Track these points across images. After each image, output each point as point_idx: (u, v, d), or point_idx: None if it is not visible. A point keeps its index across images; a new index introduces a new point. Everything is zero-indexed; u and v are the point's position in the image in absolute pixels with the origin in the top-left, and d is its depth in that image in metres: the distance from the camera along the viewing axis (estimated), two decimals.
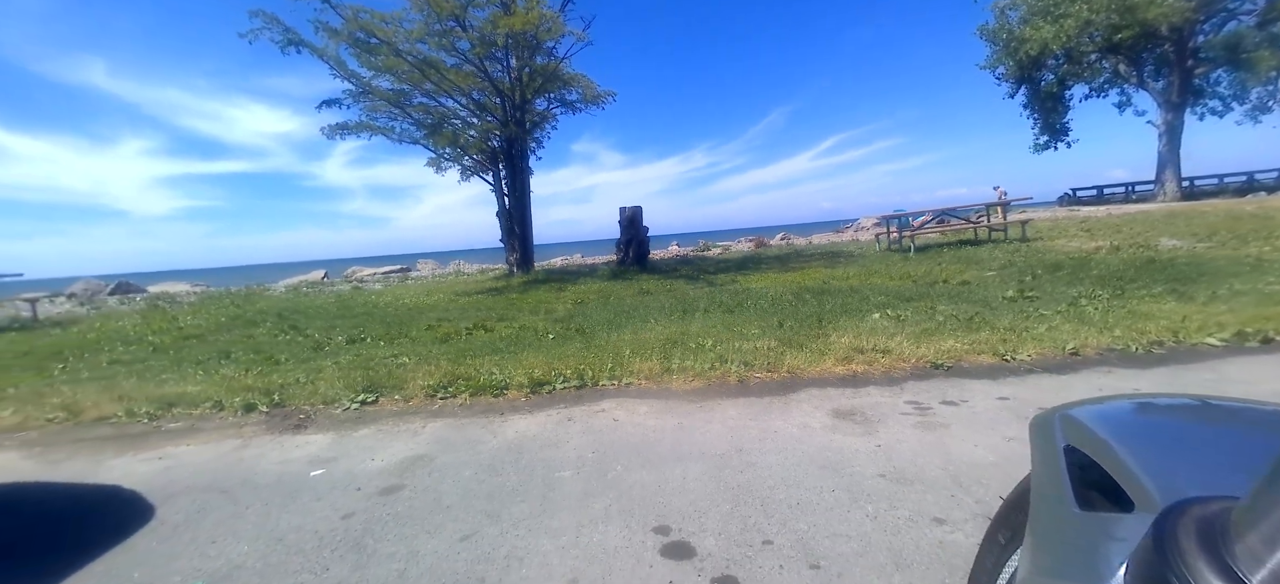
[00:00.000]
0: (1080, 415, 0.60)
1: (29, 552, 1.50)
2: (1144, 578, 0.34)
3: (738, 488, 1.59)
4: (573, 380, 2.81)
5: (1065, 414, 0.62)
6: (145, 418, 2.70)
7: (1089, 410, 0.62)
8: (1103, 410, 0.63)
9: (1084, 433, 0.57)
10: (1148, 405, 0.68)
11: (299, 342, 4.85)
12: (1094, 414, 0.61)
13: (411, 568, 1.30)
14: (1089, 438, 0.56)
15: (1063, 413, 0.62)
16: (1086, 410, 0.62)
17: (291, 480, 1.87)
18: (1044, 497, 0.54)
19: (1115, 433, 0.56)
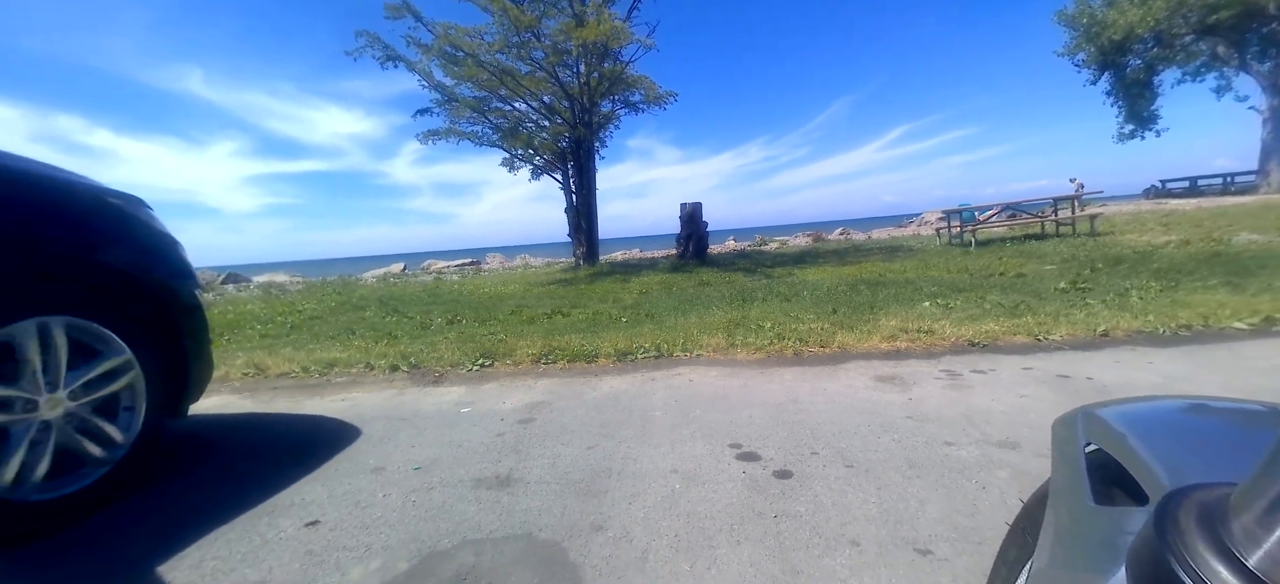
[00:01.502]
0: (1101, 414, 0.62)
1: (283, 453, 2.15)
2: (1143, 558, 0.34)
3: (792, 423, 2.05)
4: (651, 352, 3.34)
5: (1087, 412, 0.63)
6: (316, 375, 3.42)
7: (1110, 410, 0.63)
8: (1123, 410, 0.64)
9: (1104, 430, 0.58)
10: (1168, 405, 0.68)
11: (405, 322, 5.59)
12: (1115, 413, 0.62)
13: (557, 461, 1.84)
14: (1108, 434, 0.57)
15: (1084, 411, 0.64)
16: (1108, 410, 0.63)
17: (448, 414, 2.48)
18: (1062, 492, 0.55)
19: (1134, 429, 0.57)
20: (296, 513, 1.59)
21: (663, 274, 8.81)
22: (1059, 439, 0.63)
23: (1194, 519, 0.33)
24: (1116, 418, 0.61)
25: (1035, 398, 2.19)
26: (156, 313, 1.92)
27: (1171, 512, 0.35)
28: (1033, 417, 1.99)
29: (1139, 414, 0.63)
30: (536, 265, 14.69)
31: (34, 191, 1.64)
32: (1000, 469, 1.60)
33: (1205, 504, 0.34)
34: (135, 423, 1.83)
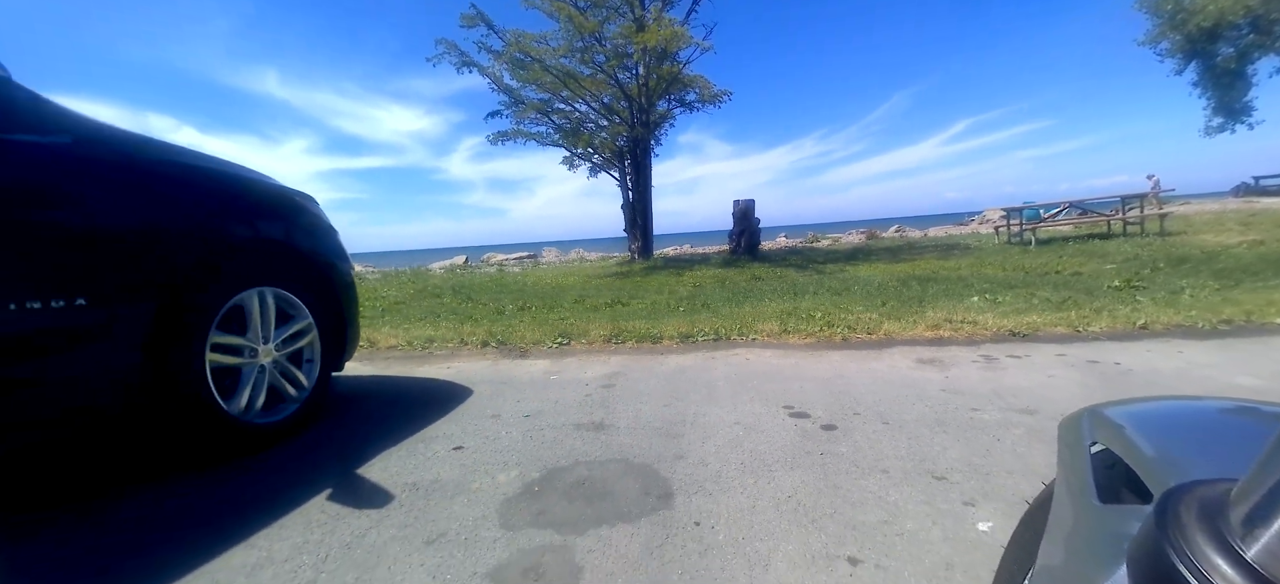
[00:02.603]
0: (1107, 413, 0.61)
1: (415, 403, 2.64)
2: (1143, 552, 0.34)
3: (838, 392, 2.38)
4: (710, 336, 3.71)
5: (1093, 411, 0.63)
6: (418, 348, 3.97)
7: (1116, 409, 0.63)
8: (1130, 409, 0.63)
9: (1110, 428, 0.58)
10: (1176, 405, 0.68)
11: (480, 308, 6.15)
12: (1121, 412, 0.62)
13: (639, 414, 2.25)
14: (1115, 433, 0.57)
15: (1091, 410, 0.63)
16: (1114, 409, 0.63)
17: (540, 380, 2.93)
18: (1067, 490, 0.55)
19: (1140, 428, 0.57)
20: (442, 442, 2.06)
21: (715, 269, 9.14)
22: (1065, 438, 0.63)
23: (1195, 514, 0.33)
24: (1123, 417, 0.60)
25: (1061, 378, 2.43)
26: (325, 287, 2.44)
27: (1172, 506, 0.35)
28: (1054, 391, 2.25)
29: (1146, 413, 0.63)
30: (591, 259, 15.26)
31: (257, 195, 2.18)
32: (1016, 428, 1.89)
33: (1206, 499, 0.34)
34: (314, 373, 2.35)
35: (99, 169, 1.67)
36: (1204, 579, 0.29)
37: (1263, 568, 0.28)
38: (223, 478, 1.80)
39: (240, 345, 2.05)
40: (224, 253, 1.97)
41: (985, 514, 1.36)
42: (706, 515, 1.43)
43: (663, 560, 1.24)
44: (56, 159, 1.56)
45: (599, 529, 1.39)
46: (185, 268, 1.83)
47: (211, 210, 1.98)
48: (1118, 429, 0.58)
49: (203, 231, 1.91)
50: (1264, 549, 0.29)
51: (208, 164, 2.05)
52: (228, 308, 1.99)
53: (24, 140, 1.48)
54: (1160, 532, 0.33)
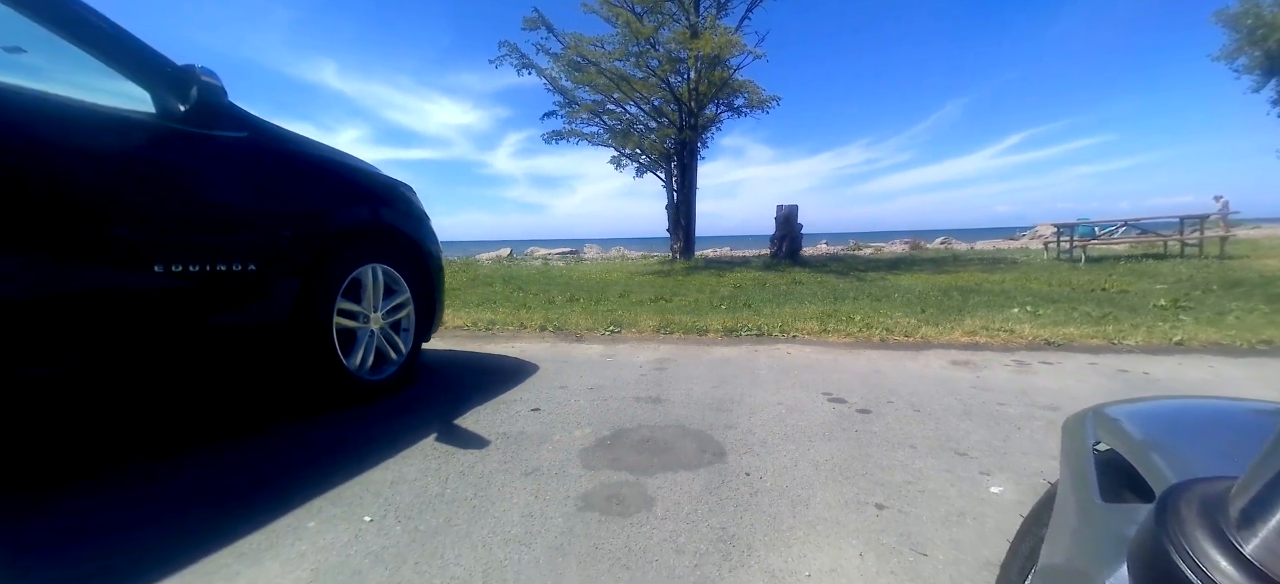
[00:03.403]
0: (1111, 413, 0.62)
1: (490, 375, 2.98)
2: (1143, 548, 0.34)
3: (874, 384, 2.60)
4: (753, 331, 3.95)
5: (1097, 411, 0.63)
6: (482, 330, 4.35)
7: (1120, 409, 0.63)
8: (1134, 409, 0.64)
9: (1113, 428, 0.58)
10: (1180, 405, 0.69)
11: (531, 298, 6.51)
12: (1125, 412, 0.62)
13: (691, 392, 2.52)
14: (1117, 433, 0.57)
15: (1094, 410, 0.64)
16: (1118, 409, 0.63)
17: (597, 361, 3.23)
18: (1070, 489, 0.55)
19: (1143, 427, 0.58)
20: (521, 405, 2.38)
21: (756, 271, 9.31)
22: (1068, 437, 0.63)
23: (1195, 510, 0.33)
24: (1126, 416, 0.61)
25: (1088, 381, 2.59)
26: (420, 267, 2.80)
27: (1172, 503, 0.35)
28: (1079, 392, 2.42)
29: (1150, 413, 0.63)
30: (633, 257, 15.59)
31: (372, 184, 2.56)
32: (1037, 420, 2.09)
33: (1207, 496, 0.34)
34: (409, 341, 2.72)
35: (266, 159, 2.05)
36: (1202, 575, 0.29)
37: (1261, 563, 0.28)
38: (348, 421, 2.16)
39: (356, 312, 2.42)
40: (350, 232, 2.35)
41: (997, 481, 1.59)
42: (755, 469, 1.70)
43: (720, 497, 1.52)
44: (239, 150, 1.94)
45: (665, 473, 1.67)
46: (322, 243, 2.20)
47: (341, 196, 2.36)
48: (1121, 429, 0.58)
49: (335, 214, 2.29)
50: (1262, 545, 0.29)
51: (336, 156, 2.43)
52: (350, 279, 2.37)
53: (222, 136, 1.87)
54: (1160, 528, 0.33)
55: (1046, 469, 1.66)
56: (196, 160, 1.82)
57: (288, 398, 2.36)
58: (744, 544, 1.29)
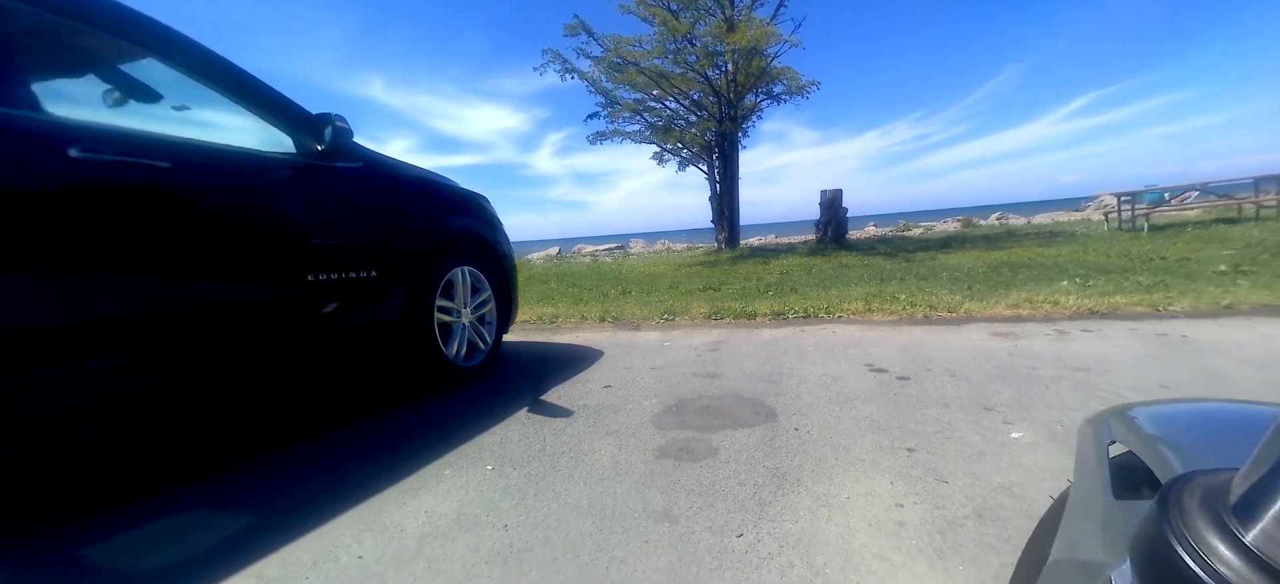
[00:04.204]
0: (1129, 414, 0.62)
1: (561, 360, 3.34)
2: (1145, 536, 0.35)
3: (914, 355, 2.82)
4: (799, 314, 4.18)
5: (1114, 412, 0.64)
6: (547, 322, 4.74)
7: (1138, 410, 0.64)
8: (1151, 410, 0.65)
9: (1128, 428, 0.59)
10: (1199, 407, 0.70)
11: (586, 293, 6.89)
12: (1142, 413, 0.63)
13: (743, 368, 2.80)
14: (1134, 433, 0.58)
15: (1111, 411, 0.64)
16: (1135, 410, 0.64)
17: (655, 345, 3.55)
18: (1082, 487, 0.55)
19: (1158, 427, 0.59)
20: (594, 382, 2.72)
21: (801, 257, 9.42)
22: (1083, 438, 0.63)
23: (1197, 500, 0.34)
24: (1143, 417, 0.62)
25: (1124, 346, 2.72)
26: (498, 268, 3.19)
27: (1175, 493, 0.35)
28: (1112, 356, 2.56)
29: (1167, 414, 0.64)
30: (678, 250, 15.85)
31: (457, 197, 2.95)
32: (1066, 381, 2.27)
33: (1209, 487, 0.35)
34: (492, 333, 3.11)
35: (379, 183, 2.46)
36: (1203, 563, 0.29)
37: (1259, 550, 0.28)
38: (451, 401, 2.56)
39: (451, 308, 2.83)
40: (444, 241, 2.75)
41: (1019, 429, 1.81)
42: (803, 425, 1.97)
43: (773, 447, 1.81)
44: (358, 177, 2.35)
45: (725, 431, 1.98)
46: (422, 251, 2.61)
47: (435, 210, 2.76)
48: (1137, 429, 0.59)
49: (432, 225, 2.69)
50: (1262, 533, 0.29)
51: (428, 175, 2.83)
52: (444, 280, 2.77)
53: (345, 167, 2.28)
54: (1161, 517, 0.34)
55: (1065, 419, 1.87)
56: (331, 188, 2.24)
57: (396, 385, 2.78)
58: (794, 478, 1.58)
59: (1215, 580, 0.29)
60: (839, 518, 1.36)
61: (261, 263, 1.97)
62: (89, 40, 1.91)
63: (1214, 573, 0.29)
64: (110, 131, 1.60)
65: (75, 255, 1.47)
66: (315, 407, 2.50)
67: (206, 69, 1.96)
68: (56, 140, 1.45)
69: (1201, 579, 0.29)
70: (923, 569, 1.14)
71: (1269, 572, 0.28)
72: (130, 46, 1.90)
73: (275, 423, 2.31)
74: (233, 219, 1.89)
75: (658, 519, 1.40)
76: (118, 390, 1.63)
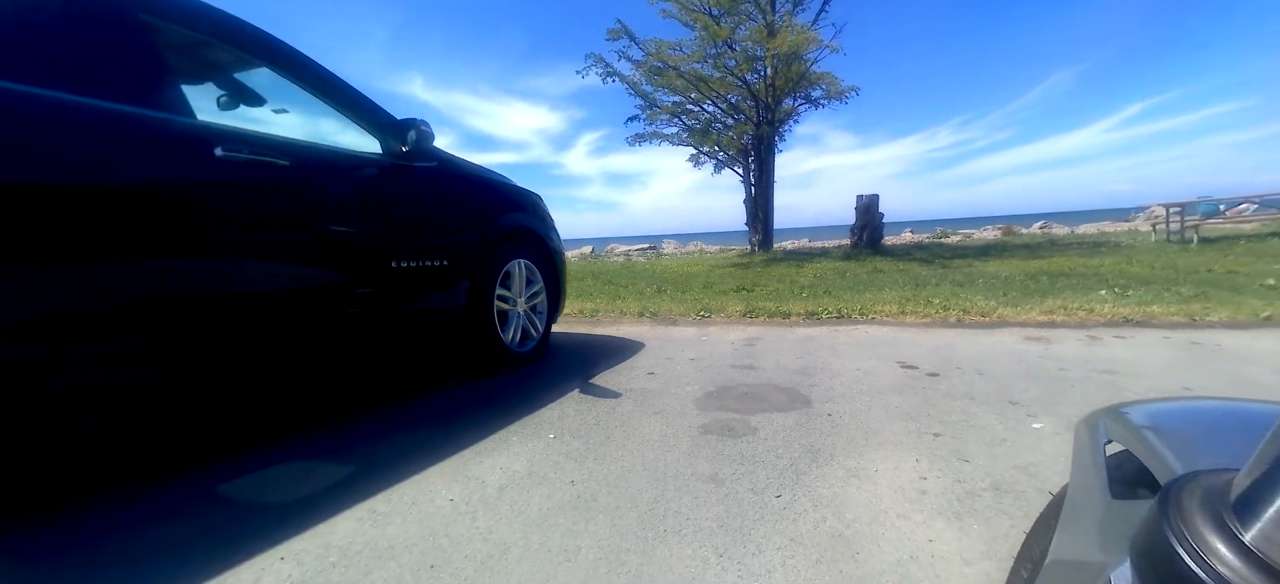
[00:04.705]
0: (1124, 413, 0.63)
1: (606, 350, 3.56)
2: (1145, 535, 0.35)
3: (945, 355, 2.94)
4: (833, 314, 4.31)
5: (1111, 411, 0.64)
6: (588, 315, 4.98)
7: (1135, 409, 0.64)
8: (1148, 409, 0.65)
9: (1125, 427, 0.59)
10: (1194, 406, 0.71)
11: (622, 290, 7.09)
12: (1139, 411, 0.64)
13: (779, 361, 2.97)
14: (1131, 432, 0.58)
15: (1108, 410, 0.65)
16: (1132, 409, 0.64)
17: (692, 339, 3.74)
18: (1080, 486, 0.56)
19: (1155, 426, 0.59)
20: (638, 370, 2.93)
21: (835, 261, 9.46)
22: (1080, 437, 0.64)
23: (1197, 501, 0.34)
24: (1140, 416, 0.62)
25: (1156, 352, 2.78)
26: (549, 261, 3.42)
27: (1175, 494, 0.35)
28: (1142, 360, 2.64)
29: (1164, 413, 0.64)
30: (711, 251, 15.97)
31: (514, 195, 3.20)
32: (1092, 381, 2.37)
33: (1209, 487, 0.35)
34: (543, 322, 3.35)
35: (451, 181, 2.72)
36: (1202, 562, 0.30)
37: (1259, 551, 0.29)
38: (509, 381, 2.80)
39: (508, 297, 3.07)
40: (504, 235, 3.00)
41: (1041, 421, 1.94)
42: (835, 412, 2.14)
43: (808, 428, 1.98)
44: (434, 175, 2.61)
45: (763, 414, 2.16)
46: (485, 244, 2.85)
47: (496, 206, 3.01)
48: (1133, 428, 0.59)
49: (494, 220, 2.94)
50: (1260, 533, 0.29)
51: (489, 174, 3.09)
52: (503, 271, 3.01)
53: (423, 166, 2.54)
54: (1162, 517, 0.34)
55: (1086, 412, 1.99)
56: (412, 185, 2.50)
57: (458, 365, 3.04)
58: (827, 454, 1.75)
59: (1215, 580, 0.28)
60: (867, 486, 1.53)
61: (357, 250, 2.23)
62: (217, 53, 2.22)
63: (1214, 573, 0.29)
64: (246, 134, 1.88)
65: (222, 239, 1.75)
66: (389, 382, 2.78)
67: (311, 77, 2.24)
68: (207, 141, 1.73)
69: (1202, 579, 0.29)
70: (940, 526, 1.31)
71: (1269, 572, 0.28)
72: (251, 58, 2.20)
73: (360, 393, 2.59)
74: (336, 210, 2.16)
75: (705, 481, 1.60)
76: (249, 354, 1.90)
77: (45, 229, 1.38)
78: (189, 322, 1.69)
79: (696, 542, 1.29)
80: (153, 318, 1.62)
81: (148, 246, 1.60)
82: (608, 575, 1.18)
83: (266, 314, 1.91)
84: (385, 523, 1.43)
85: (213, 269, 1.74)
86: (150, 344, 1.63)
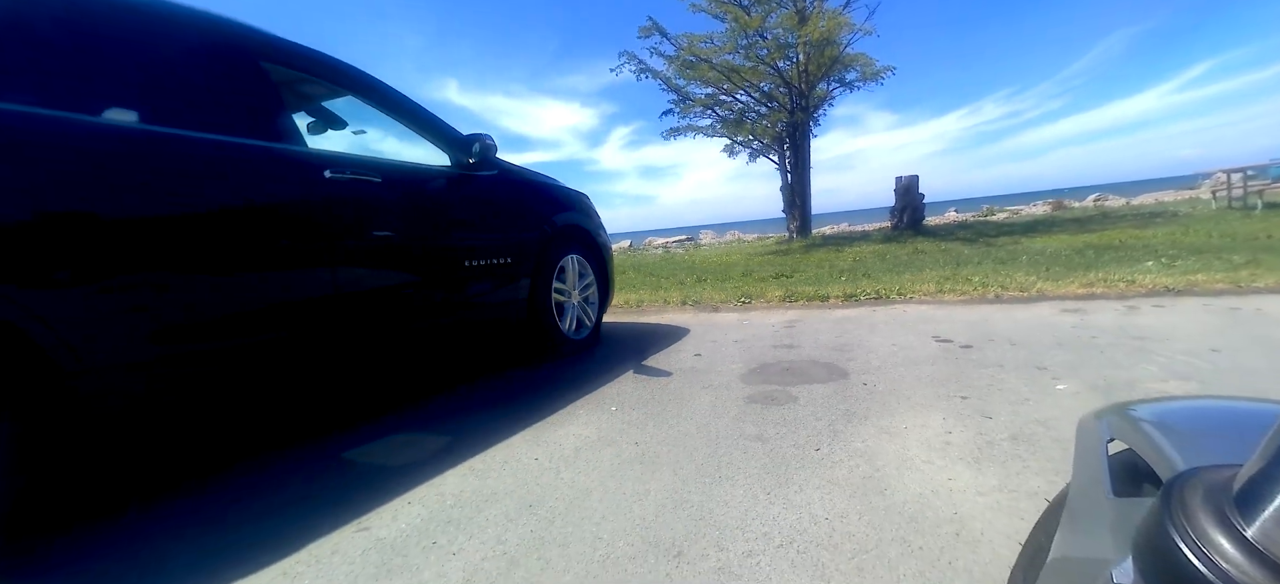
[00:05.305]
0: (1128, 411, 0.62)
1: (654, 336, 3.81)
2: (1147, 531, 0.35)
3: (980, 329, 3.06)
4: (871, 295, 4.44)
5: (1113, 409, 0.64)
6: (633, 306, 5.25)
7: (1136, 407, 0.64)
8: (1150, 407, 0.65)
9: (1127, 425, 0.59)
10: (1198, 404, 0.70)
11: (663, 281, 7.32)
12: (1141, 410, 0.63)
13: (818, 340, 3.16)
14: (1133, 430, 0.58)
15: (1111, 408, 0.65)
16: (1134, 407, 0.64)
17: (735, 324, 3.95)
18: (1082, 484, 0.56)
19: (1157, 423, 0.59)
20: (685, 352, 3.17)
21: (875, 244, 9.44)
22: (1082, 435, 0.64)
23: (1199, 496, 0.34)
24: (1142, 414, 0.62)
25: (1192, 318, 2.84)
26: (598, 256, 3.70)
27: (1177, 489, 0.36)
28: (1175, 326, 2.72)
29: (1166, 411, 0.65)
30: (749, 240, 16.02)
31: (566, 197, 3.48)
32: (1121, 347, 2.48)
33: (1211, 483, 0.35)
34: (595, 311, 3.63)
35: (511, 187, 3.02)
36: (1204, 557, 0.30)
37: (1261, 545, 0.29)
38: (567, 366, 3.09)
39: (563, 290, 3.36)
40: (558, 233, 3.28)
41: (1065, 384, 2.09)
42: (871, 382, 2.33)
43: (844, 396, 2.18)
44: (495, 182, 2.91)
45: (803, 385, 2.37)
46: (543, 242, 3.14)
47: (551, 207, 3.30)
48: (1135, 425, 0.59)
49: (551, 220, 3.23)
50: (1261, 528, 0.29)
51: (543, 178, 3.37)
52: (558, 266, 3.30)
53: (486, 175, 2.84)
54: (1164, 512, 0.34)
55: (1111, 376, 2.12)
56: (479, 192, 2.81)
57: (519, 352, 3.35)
58: (861, 416, 1.96)
59: (1217, 575, 0.29)
60: (897, 440, 1.73)
61: (437, 252, 2.55)
62: (313, 86, 2.57)
63: (1215, 567, 0.29)
64: (346, 157, 2.21)
65: (333, 247, 2.08)
66: (462, 367, 3.11)
67: (389, 102, 2.57)
68: (318, 165, 2.06)
69: (1203, 575, 0.29)
70: (960, 469, 1.51)
71: (1271, 566, 0.28)
72: (341, 89, 2.54)
73: (438, 378, 2.92)
74: (418, 218, 2.48)
75: (752, 440, 1.83)
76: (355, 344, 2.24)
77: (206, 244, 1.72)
78: (311, 316, 2.03)
79: (747, 484, 1.53)
80: (286, 314, 1.96)
81: (280, 255, 1.94)
82: (675, 509, 1.43)
83: (368, 309, 2.24)
84: (485, 477, 1.73)
85: (326, 272, 2.07)
86: (282, 338, 1.97)
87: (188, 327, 1.69)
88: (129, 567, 1.37)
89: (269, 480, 1.83)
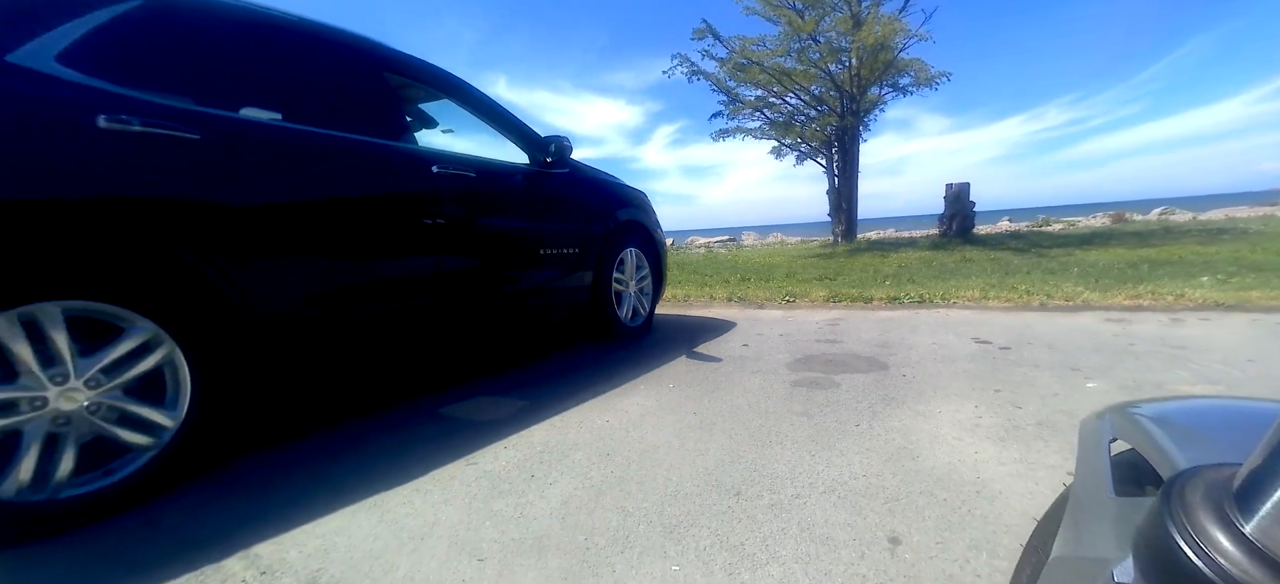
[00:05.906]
0: (1129, 410, 0.63)
1: (701, 328, 4.06)
2: (1148, 529, 0.36)
3: (1020, 333, 3.19)
4: (915, 299, 4.56)
5: (1115, 409, 0.65)
6: (681, 301, 5.50)
7: (1139, 407, 0.65)
8: (1152, 407, 0.66)
9: (1129, 425, 0.60)
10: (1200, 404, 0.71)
11: (708, 278, 7.52)
12: (1143, 410, 0.64)
13: (860, 337, 3.34)
14: (1135, 430, 0.59)
15: (1112, 409, 0.66)
16: (1136, 407, 0.65)
17: (779, 320, 4.15)
18: (1084, 483, 0.57)
19: (1159, 423, 0.60)
20: (733, 342, 3.41)
21: (922, 251, 9.40)
22: (1084, 435, 0.65)
23: (1199, 494, 0.35)
24: (1144, 414, 0.62)
25: (1235, 332, 2.90)
26: (654, 250, 3.97)
27: (1178, 488, 0.36)
28: (1216, 339, 2.79)
29: (1167, 411, 0.65)
30: (792, 242, 16.03)
31: (626, 193, 3.76)
32: (1157, 354, 2.58)
33: (1211, 481, 0.36)
34: (649, 301, 3.91)
35: (580, 183, 3.32)
36: (1203, 554, 0.30)
37: (1260, 542, 0.29)
38: (625, 349, 3.38)
39: (622, 280, 3.65)
40: (619, 227, 3.57)
41: (1094, 382, 2.24)
42: (909, 374, 2.52)
43: (884, 385, 2.39)
44: (566, 179, 3.22)
45: (845, 375, 2.58)
46: (606, 235, 3.43)
47: (613, 202, 3.59)
48: (1138, 426, 0.59)
49: (613, 214, 3.52)
50: (1260, 525, 0.30)
51: (605, 175, 3.66)
52: (618, 258, 3.59)
53: (559, 172, 3.15)
54: (1164, 510, 0.34)
55: (1141, 378, 2.26)
56: (554, 188, 3.12)
57: (580, 335, 3.65)
58: (899, 401, 2.16)
59: (1216, 572, 0.29)
60: (931, 421, 1.94)
61: (519, 239, 2.87)
62: (416, 91, 2.92)
63: (1214, 564, 0.30)
64: (448, 154, 2.54)
65: (440, 232, 2.42)
66: (529, 345, 3.43)
67: (480, 105, 2.90)
68: (429, 162, 2.40)
69: (1202, 572, 0.30)
70: (987, 445, 1.71)
71: (1270, 563, 0.28)
72: (439, 93, 2.89)
73: (506, 354, 3.25)
74: (506, 209, 2.81)
75: (798, 415, 2.07)
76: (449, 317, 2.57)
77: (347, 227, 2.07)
78: (418, 291, 2.37)
79: (794, 448, 1.77)
80: (399, 288, 2.30)
81: (397, 237, 2.28)
82: (732, 462, 1.69)
83: (461, 287, 2.57)
84: (564, 431, 2.02)
85: (431, 254, 2.41)
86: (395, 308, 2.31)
87: (330, 294, 2.04)
88: (324, 461, 1.72)
89: (385, 427, 2.17)
